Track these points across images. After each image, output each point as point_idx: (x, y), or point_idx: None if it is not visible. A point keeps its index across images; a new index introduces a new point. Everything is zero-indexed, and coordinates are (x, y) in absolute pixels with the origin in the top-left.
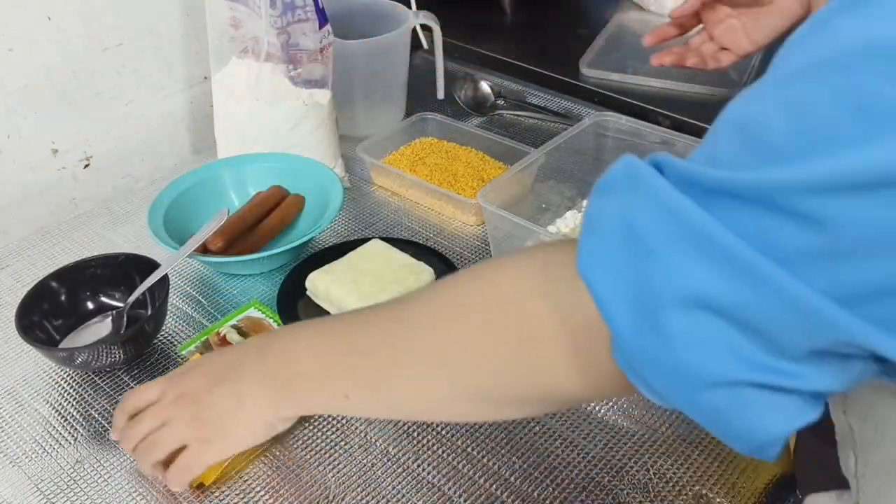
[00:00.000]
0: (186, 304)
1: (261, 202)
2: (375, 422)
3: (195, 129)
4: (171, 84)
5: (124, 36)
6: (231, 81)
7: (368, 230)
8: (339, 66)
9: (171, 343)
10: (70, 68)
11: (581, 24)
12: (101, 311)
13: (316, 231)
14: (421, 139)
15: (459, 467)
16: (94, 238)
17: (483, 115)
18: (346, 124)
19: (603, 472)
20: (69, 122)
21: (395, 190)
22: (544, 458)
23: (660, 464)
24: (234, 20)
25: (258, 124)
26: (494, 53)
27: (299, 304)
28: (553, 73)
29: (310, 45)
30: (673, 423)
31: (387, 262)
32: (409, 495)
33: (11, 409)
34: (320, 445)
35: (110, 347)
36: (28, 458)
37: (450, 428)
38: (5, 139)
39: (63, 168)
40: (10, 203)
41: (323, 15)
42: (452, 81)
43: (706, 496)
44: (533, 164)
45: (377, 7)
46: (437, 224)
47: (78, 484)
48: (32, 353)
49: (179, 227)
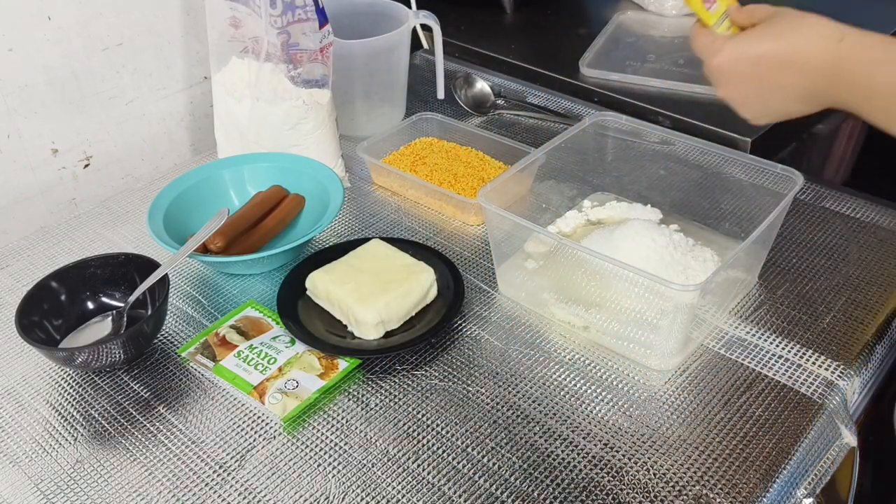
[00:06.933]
0: (186, 304)
1: (261, 202)
2: (375, 422)
3: (195, 129)
4: (171, 84)
5: (124, 36)
6: (231, 81)
7: (368, 230)
8: (339, 66)
9: (171, 343)
10: (70, 68)
11: (581, 24)
12: (101, 311)
13: (316, 231)
14: (421, 139)
15: (459, 467)
16: (94, 238)
17: (483, 115)
18: (346, 124)
19: (603, 472)
20: (69, 122)
21: (395, 190)
22: (544, 458)
23: (660, 464)
24: (234, 20)
25: (258, 124)
26: (494, 53)
27: (299, 304)
28: (553, 73)
29: (310, 45)
30: (673, 423)
31: (387, 262)
32: (409, 495)
33: (11, 409)
34: (320, 445)
35: (110, 347)
36: (28, 458)
37: (450, 428)
38: (5, 139)
39: (63, 168)
40: (10, 203)
41: (323, 15)
42: (452, 81)
43: (706, 496)
44: (533, 164)
45: (377, 7)
46: (437, 224)
47: (78, 484)
48: (32, 353)
49: (179, 227)
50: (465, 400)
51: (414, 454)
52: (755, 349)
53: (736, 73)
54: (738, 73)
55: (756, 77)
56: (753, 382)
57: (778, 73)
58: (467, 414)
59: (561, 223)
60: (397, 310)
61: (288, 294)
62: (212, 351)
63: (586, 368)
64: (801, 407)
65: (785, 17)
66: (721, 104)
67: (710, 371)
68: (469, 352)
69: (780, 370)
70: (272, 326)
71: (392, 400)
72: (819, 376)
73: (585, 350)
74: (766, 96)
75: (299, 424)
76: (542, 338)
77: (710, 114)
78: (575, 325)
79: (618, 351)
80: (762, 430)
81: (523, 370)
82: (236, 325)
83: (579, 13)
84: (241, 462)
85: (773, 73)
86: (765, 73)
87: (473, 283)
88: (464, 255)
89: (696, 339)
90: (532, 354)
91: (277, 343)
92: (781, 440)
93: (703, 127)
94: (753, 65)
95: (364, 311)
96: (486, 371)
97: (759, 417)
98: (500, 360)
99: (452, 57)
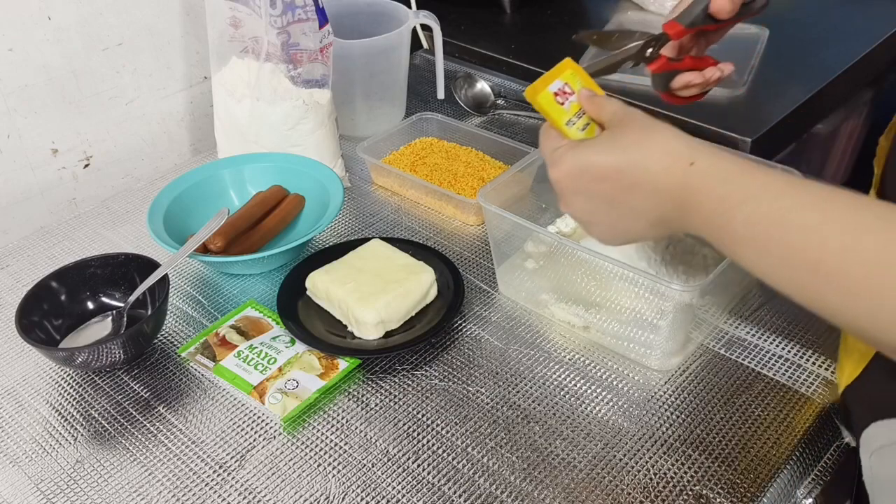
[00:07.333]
0: (186, 304)
1: (261, 202)
2: (375, 422)
3: (195, 129)
4: (171, 84)
5: (124, 36)
6: (231, 81)
7: (368, 230)
8: (339, 66)
9: (171, 343)
10: (70, 68)
11: (581, 24)
12: (101, 311)
13: (316, 231)
14: (421, 139)
15: (459, 467)
16: (94, 238)
17: (483, 115)
18: (346, 124)
19: (603, 472)
20: (69, 122)
21: (395, 190)
22: (544, 458)
23: (660, 464)
24: (234, 20)
25: (258, 124)
26: (494, 53)
27: (299, 304)
28: None
29: (310, 45)
30: (673, 423)
31: (387, 262)
32: (409, 495)
33: (11, 409)
34: (320, 445)
35: (110, 347)
36: (28, 458)
37: (450, 428)
38: (5, 139)
39: (63, 168)
40: (10, 203)
41: (323, 15)
42: (452, 81)
43: (706, 496)
44: (533, 164)
45: (377, 7)
46: (437, 224)
47: (78, 484)
48: (32, 353)
49: (179, 227)
50: (465, 400)
51: (414, 454)
52: (755, 349)
53: (579, 190)
54: (582, 191)
55: (602, 196)
56: (753, 382)
57: (626, 194)
58: (467, 414)
59: (561, 223)
60: (397, 310)
61: (288, 294)
62: (212, 351)
63: (586, 368)
64: (801, 407)
65: (632, 126)
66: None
67: (710, 371)
68: (469, 352)
69: (780, 370)
70: (272, 326)
71: (392, 400)
72: (819, 376)
73: (585, 350)
74: (614, 219)
75: (299, 424)
76: (542, 338)
77: (710, 114)
78: (575, 325)
79: (618, 351)
80: (762, 430)
81: (523, 370)
82: (236, 325)
83: (579, 13)
84: (241, 462)
85: (620, 193)
86: (611, 193)
87: (473, 283)
88: (464, 255)
89: (696, 339)
90: (532, 354)
91: (277, 343)
92: (781, 440)
93: (703, 127)
94: (598, 181)
95: (364, 311)
96: (486, 371)
97: (758, 417)
98: (500, 360)
99: (452, 57)
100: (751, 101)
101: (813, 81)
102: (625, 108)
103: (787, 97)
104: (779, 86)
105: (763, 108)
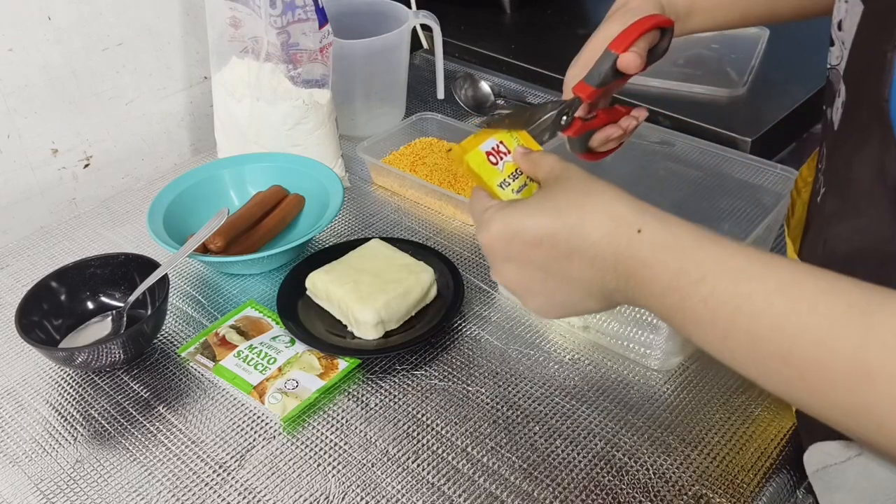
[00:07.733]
0: (186, 304)
1: (261, 202)
2: (375, 421)
3: (195, 128)
4: (171, 84)
5: (124, 36)
6: (231, 81)
7: (368, 230)
8: (339, 66)
9: (171, 343)
10: (70, 68)
11: (581, 24)
12: (101, 311)
13: (316, 231)
14: (421, 139)
15: (459, 467)
16: (94, 238)
17: (483, 115)
18: (346, 124)
19: (603, 472)
20: (69, 122)
21: (395, 190)
22: (544, 458)
23: (660, 464)
24: (234, 20)
25: (258, 124)
26: (494, 53)
27: (299, 304)
28: (553, 73)
29: (310, 45)
30: (672, 423)
31: (387, 262)
32: (409, 495)
33: (11, 409)
34: (320, 445)
35: (110, 347)
36: (28, 458)
37: (450, 428)
38: (5, 139)
39: (63, 168)
40: (10, 203)
41: (323, 15)
42: (452, 81)
43: (706, 496)
44: None
45: (377, 7)
46: (437, 224)
47: (78, 484)
48: (32, 353)
49: (179, 227)
50: (465, 400)
51: (414, 454)
52: None
53: (511, 256)
54: (514, 258)
55: (536, 264)
56: (753, 382)
57: (562, 263)
58: (467, 414)
59: None
60: (397, 310)
61: (288, 294)
62: (212, 351)
63: (586, 368)
64: None
65: (569, 185)
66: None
67: (709, 371)
68: (469, 352)
69: None
70: (272, 326)
71: (392, 400)
72: None
73: (585, 350)
74: (551, 289)
75: (299, 424)
76: (542, 338)
77: (710, 114)
78: (575, 325)
79: (617, 351)
80: (761, 430)
81: (523, 370)
82: (236, 325)
83: (579, 13)
84: (241, 462)
85: (555, 262)
86: (546, 261)
87: (473, 283)
88: (464, 255)
89: None
90: (532, 354)
91: (277, 343)
92: (781, 440)
93: (703, 127)
94: (531, 247)
95: (364, 311)
96: (486, 371)
97: (758, 417)
98: (500, 360)
99: (452, 57)
100: (751, 101)
101: (813, 81)
102: (562, 163)
103: (787, 97)
104: (779, 86)
105: (763, 108)
